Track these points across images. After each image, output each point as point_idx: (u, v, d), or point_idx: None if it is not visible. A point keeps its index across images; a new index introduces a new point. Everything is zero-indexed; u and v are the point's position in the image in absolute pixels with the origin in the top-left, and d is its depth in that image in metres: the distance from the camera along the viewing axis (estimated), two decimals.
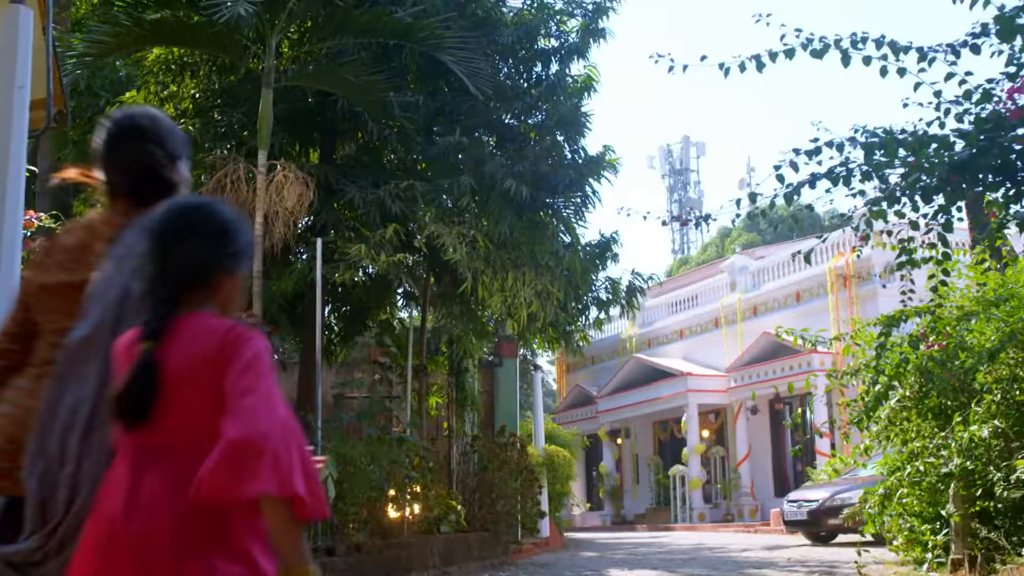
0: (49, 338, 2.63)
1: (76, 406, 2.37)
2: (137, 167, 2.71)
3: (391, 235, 11.89)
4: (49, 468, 2.35)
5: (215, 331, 2.12)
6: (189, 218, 2.25)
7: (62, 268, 2.67)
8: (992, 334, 9.37)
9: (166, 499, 2.02)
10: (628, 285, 14.70)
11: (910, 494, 10.98)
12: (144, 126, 2.77)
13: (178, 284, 2.19)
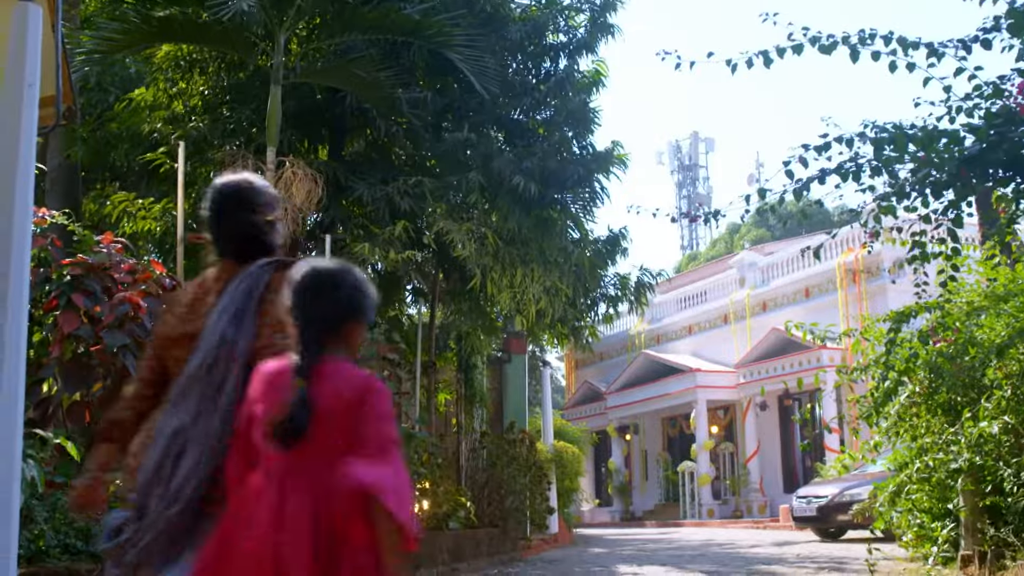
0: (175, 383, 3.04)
1: (176, 432, 2.86)
2: (243, 236, 3.15)
3: (400, 232, 11.91)
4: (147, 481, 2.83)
5: (356, 379, 2.62)
6: (328, 281, 2.72)
7: (181, 321, 3.13)
8: (1002, 330, 9.35)
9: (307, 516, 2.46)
10: (637, 281, 14.70)
11: (919, 490, 10.96)
12: (247, 197, 3.18)
13: (320, 333, 2.65)
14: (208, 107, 13.26)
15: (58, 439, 6.36)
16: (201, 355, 2.93)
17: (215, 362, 2.90)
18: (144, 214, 12.18)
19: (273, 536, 2.45)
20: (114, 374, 7.30)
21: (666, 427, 38.13)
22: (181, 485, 2.77)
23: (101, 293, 7.19)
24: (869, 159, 6.29)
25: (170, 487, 2.79)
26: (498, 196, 12.66)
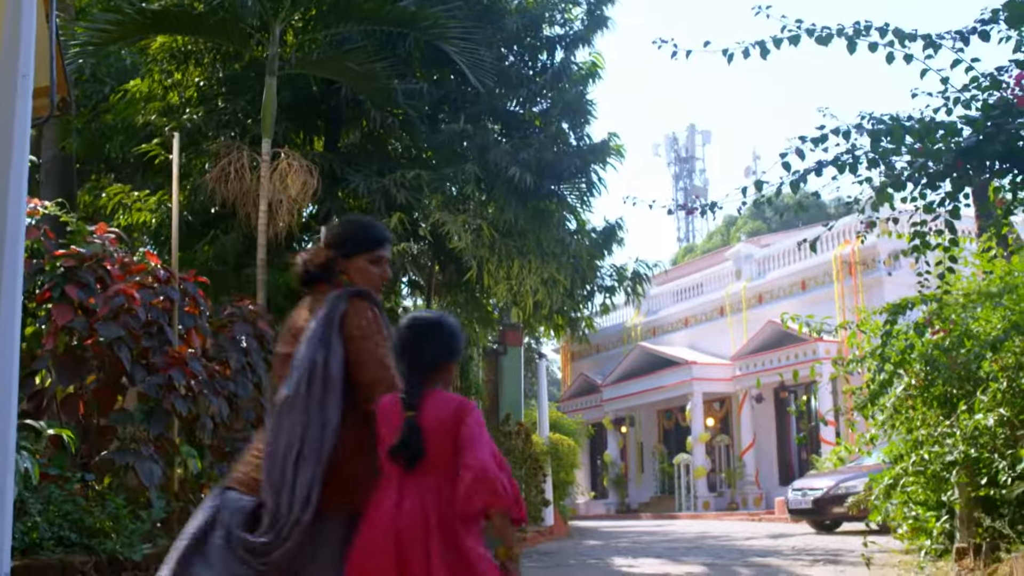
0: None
1: (288, 448, 3.31)
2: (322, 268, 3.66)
3: (396, 224, 11.88)
4: (275, 489, 3.29)
5: (451, 403, 3.27)
6: (428, 330, 3.37)
7: (284, 342, 3.64)
8: (998, 323, 9.34)
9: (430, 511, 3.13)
10: (633, 272, 14.68)
11: (915, 482, 10.96)
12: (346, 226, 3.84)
13: (424, 372, 3.30)
14: (203, 98, 13.23)
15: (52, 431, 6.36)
16: (296, 376, 3.39)
17: (311, 383, 3.36)
18: (139, 206, 12.16)
19: (393, 527, 3.14)
20: (108, 366, 7.29)
21: (662, 419, 38.17)
22: (308, 492, 3.27)
23: (95, 285, 7.17)
24: (866, 151, 6.27)
25: (295, 494, 3.27)
26: (495, 187, 12.64)
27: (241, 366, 8.82)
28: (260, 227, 10.36)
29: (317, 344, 3.39)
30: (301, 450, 3.31)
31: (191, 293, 8.13)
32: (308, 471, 3.29)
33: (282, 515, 3.25)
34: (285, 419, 3.36)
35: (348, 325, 3.44)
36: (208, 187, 11.31)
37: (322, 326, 3.42)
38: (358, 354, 3.43)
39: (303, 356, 3.40)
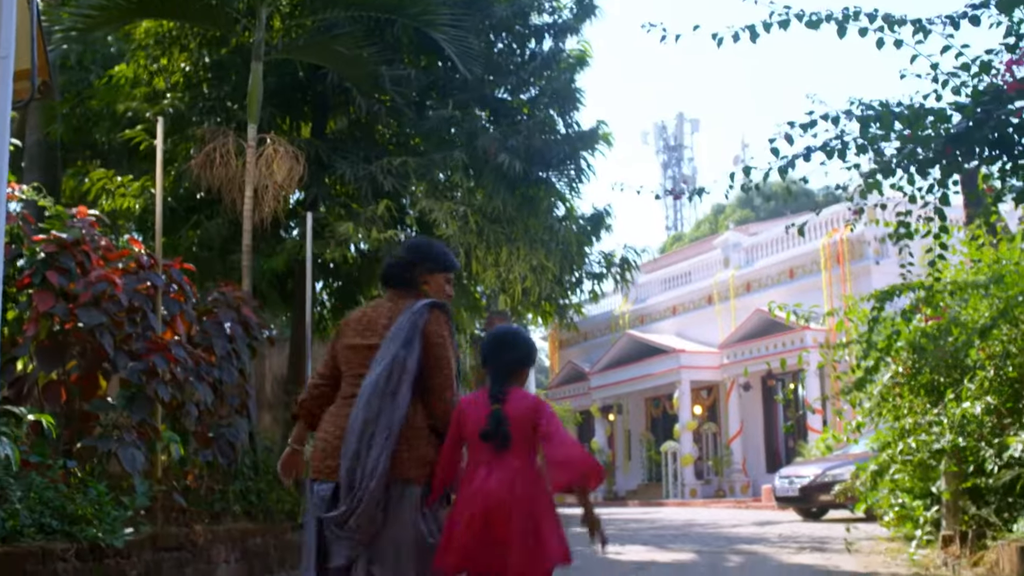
0: (350, 380, 4.19)
1: (365, 423, 3.92)
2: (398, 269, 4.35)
3: (383, 211, 11.80)
4: (352, 460, 3.90)
5: (528, 399, 4.05)
6: (511, 340, 4.19)
7: (358, 334, 4.25)
8: (985, 310, 9.33)
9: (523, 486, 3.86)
10: (621, 259, 14.62)
11: (901, 471, 10.95)
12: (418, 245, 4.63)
13: (506, 374, 4.06)
14: (189, 84, 13.12)
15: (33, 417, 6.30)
16: (379, 368, 4.03)
17: (390, 374, 4.02)
18: (123, 191, 12.05)
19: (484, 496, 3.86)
20: (90, 353, 7.22)
21: (649, 407, 38.19)
22: (375, 465, 3.89)
23: (76, 270, 7.09)
24: (854, 137, 6.23)
25: (366, 467, 3.89)
26: (483, 174, 12.57)
27: (226, 352, 8.77)
28: (246, 213, 10.28)
29: (401, 344, 4.07)
30: (374, 430, 3.96)
31: (176, 279, 8.05)
32: (378, 448, 3.93)
33: (355, 485, 3.90)
34: (366, 403, 4.01)
35: (429, 332, 4.14)
36: (193, 173, 11.22)
37: (407, 329, 4.10)
38: (436, 359, 4.14)
39: (388, 352, 4.07)
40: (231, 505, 8.57)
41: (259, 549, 8.33)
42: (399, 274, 4.33)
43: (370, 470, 3.87)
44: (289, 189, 11.04)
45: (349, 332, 4.31)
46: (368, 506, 3.84)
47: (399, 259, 4.37)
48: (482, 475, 3.90)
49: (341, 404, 4.17)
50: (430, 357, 4.10)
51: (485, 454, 3.93)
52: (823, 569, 10.37)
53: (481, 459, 3.94)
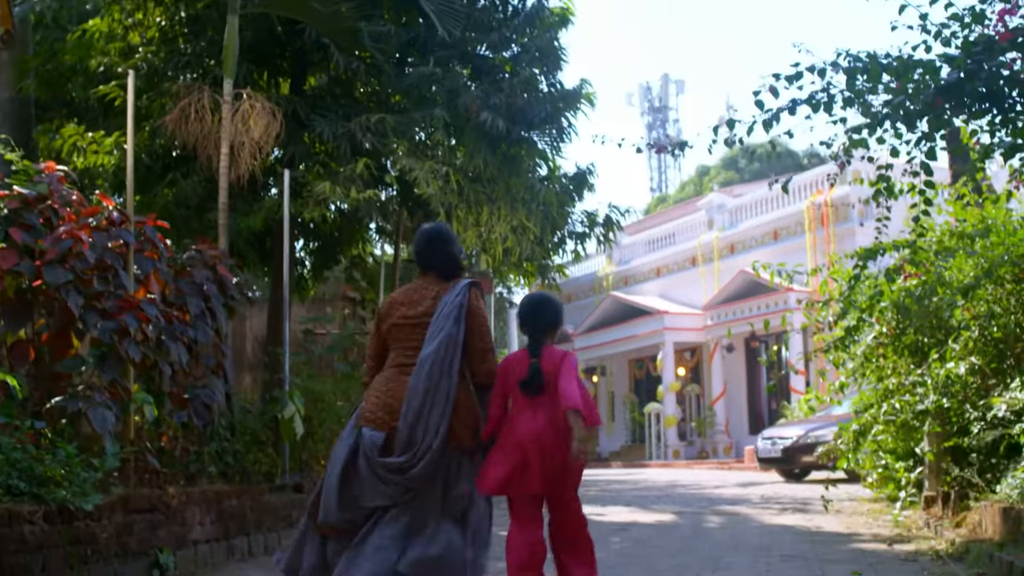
0: (400, 351, 4.96)
1: (426, 391, 4.68)
2: (444, 259, 5.10)
3: (361, 170, 11.58)
4: (413, 419, 4.66)
5: (557, 355, 4.82)
6: (544, 304, 5.07)
7: (401, 314, 5.01)
8: (971, 270, 9.23)
9: (551, 425, 4.67)
10: (605, 218, 14.43)
11: (884, 431, 10.91)
12: (446, 235, 5.18)
13: (541, 332, 4.93)
14: (165, 39, 12.79)
15: None
16: (435, 343, 4.78)
17: (445, 348, 4.77)
18: (96, 148, 11.79)
19: (522, 433, 4.72)
20: (59, 311, 7.05)
21: (633, 369, 38.21)
22: (437, 425, 4.66)
23: (42, 227, 6.91)
24: (841, 90, 6.07)
25: (429, 427, 4.66)
26: (464, 133, 12.35)
27: (201, 311, 8.59)
28: (222, 170, 10.07)
29: (453, 320, 4.83)
30: (435, 395, 4.71)
31: (149, 236, 7.87)
32: (438, 411, 4.70)
33: (416, 443, 4.66)
34: (425, 373, 4.74)
35: (472, 308, 4.91)
36: (168, 129, 10.97)
37: (456, 307, 4.85)
38: (479, 328, 4.91)
39: (443, 328, 4.82)
40: (206, 467, 8.43)
41: (235, 511, 8.20)
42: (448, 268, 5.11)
43: (432, 431, 4.66)
44: (266, 146, 10.80)
45: (394, 313, 5.07)
46: (428, 464, 4.62)
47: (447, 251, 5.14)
48: (525, 415, 4.79)
49: (395, 371, 4.93)
50: (473, 327, 4.90)
51: (524, 400, 4.83)
52: (805, 530, 10.34)
53: (523, 404, 4.83)
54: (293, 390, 9.80)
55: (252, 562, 8.07)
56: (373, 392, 4.91)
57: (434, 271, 5.09)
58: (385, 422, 4.76)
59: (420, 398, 4.67)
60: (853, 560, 7.76)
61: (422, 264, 5.15)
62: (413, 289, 5.12)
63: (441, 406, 4.68)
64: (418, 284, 5.12)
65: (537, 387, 4.77)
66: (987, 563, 6.82)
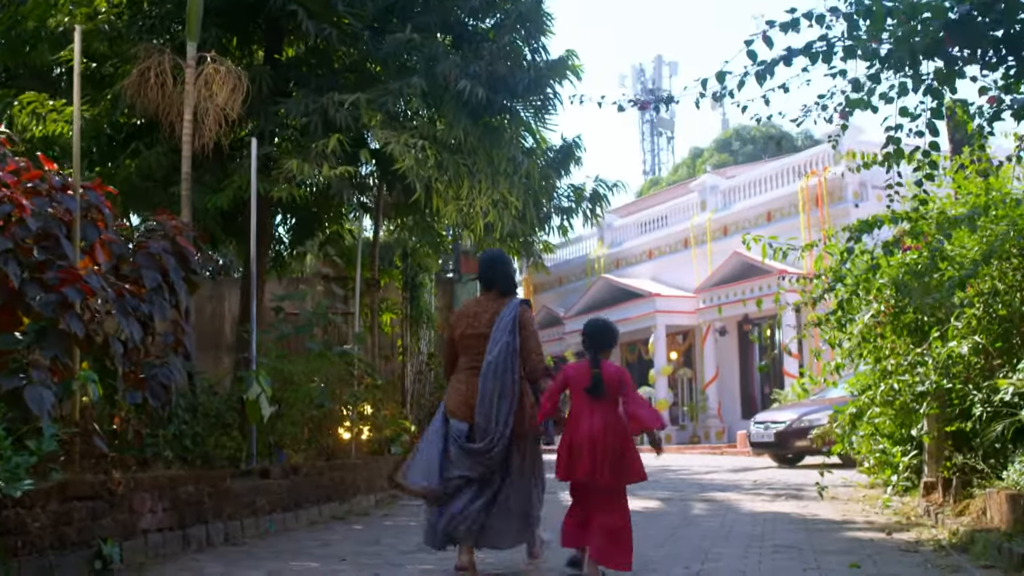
0: (469, 357, 6.39)
1: (492, 389, 6.11)
2: (503, 279, 6.51)
3: (334, 145, 10.97)
4: (486, 414, 6.11)
5: (615, 369, 5.98)
6: (605, 330, 6.18)
7: (468, 325, 6.43)
8: (975, 244, 8.73)
9: (615, 425, 5.80)
10: (592, 192, 13.83)
11: (882, 414, 10.43)
12: (505, 259, 6.67)
13: (600, 350, 6.00)
14: (131, 2, 12.17)
15: None
16: (496, 350, 6.18)
17: (505, 355, 6.17)
18: (55, 116, 11.20)
19: (590, 429, 5.77)
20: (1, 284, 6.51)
21: (625, 352, 37.75)
22: (506, 418, 6.13)
23: None
24: (842, 37, 5.53)
25: (499, 419, 6.12)
26: (443, 102, 11.74)
27: (157, 285, 8.04)
28: (185, 138, 9.52)
29: (509, 332, 6.25)
30: (502, 393, 6.17)
31: (95, 203, 7.33)
32: (506, 406, 6.17)
33: (491, 432, 6.15)
34: (491, 375, 6.19)
35: (524, 320, 6.34)
36: (127, 94, 10.39)
37: (511, 320, 6.28)
38: (529, 335, 6.36)
39: (501, 339, 6.24)
40: (162, 451, 7.90)
41: (191, 498, 7.67)
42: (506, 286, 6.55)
43: (502, 421, 6.16)
44: (232, 112, 10.22)
45: (462, 325, 6.53)
46: (502, 446, 6.16)
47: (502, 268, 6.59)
48: (586, 416, 5.88)
49: (468, 373, 6.40)
50: (525, 334, 6.34)
51: (585, 403, 5.93)
52: (799, 518, 9.87)
53: (582, 406, 5.95)
54: (259, 370, 9.27)
55: (210, 552, 7.55)
56: (453, 390, 6.47)
57: (496, 289, 6.53)
58: (467, 415, 6.29)
59: (489, 396, 6.19)
60: (850, 550, 7.28)
61: (485, 282, 6.60)
62: (476, 304, 6.60)
63: (508, 402, 6.18)
64: (480, 300, 6.61)
65: (599, 392, 5.89)
66: (995, 554, 6.33)
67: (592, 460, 5.72)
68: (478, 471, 6.16)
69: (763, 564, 6.71)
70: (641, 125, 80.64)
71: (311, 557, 7.31)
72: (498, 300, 6.41)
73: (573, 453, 5.80)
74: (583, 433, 5.79)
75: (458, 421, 6.27)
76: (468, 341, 6.41)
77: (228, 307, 17.93)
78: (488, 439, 6.11)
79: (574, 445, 5.81)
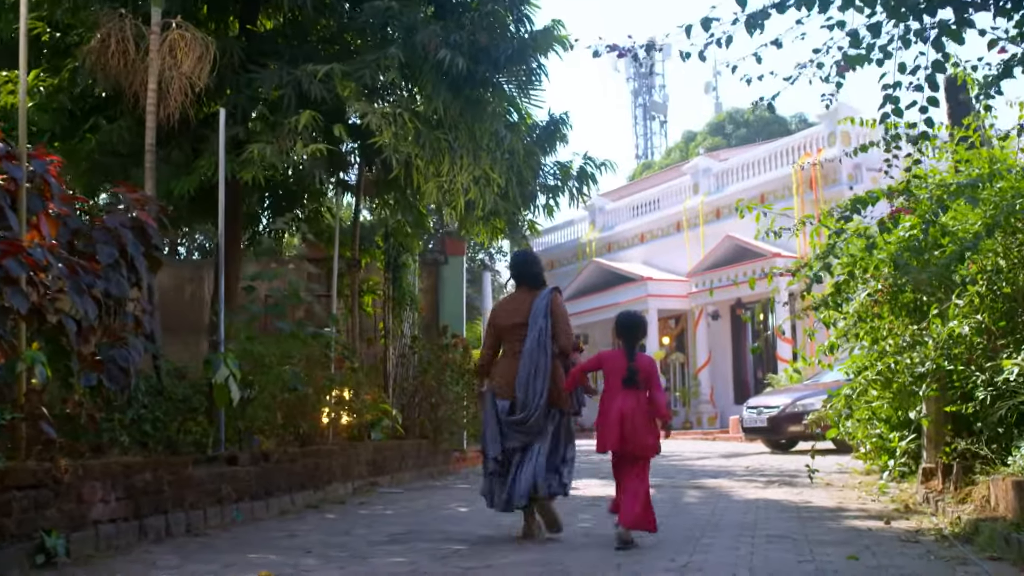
0: (511, 343, 7.40)
1: (530, 370, 7.18)
2: (530, 277, 7.56)
3: (307, 122, 10.45)
4: (526, 391, 7.17)
5: (645, 359, 7.00)
6: (637, 324, 7.21)
7: (509, 316, 7.44)
8: (976, 218, 8.29)
9: (641, 407, 6.85)
10: (579, 170, 13.32)
11: (880, 397, 10.01)
12: (533, 259, 7.74)
13: (634, 342, 7.09)
14: None
15: None
16: (533, 335, 7.18)
17: (539, 338, 7.16)
18: (11, 88, 10.66)
19: (621, 409, 6.76)
20: None
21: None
22: (541, 392, 7.12)
23: None
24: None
25: (537, 392, 7.12)
26: (422, 73, 11.23)
27: (114, 261, 7.56)
28: (149, 108, 9.04)
29: (543, 316, 7.23)
30: (538, 372, 7.16)
31: (40, 172, 6.86)
32: (541, 382, 7.15)
33: (529, 404, 7.14)
34: (529, 356, 7.17)
35: (555, 305, 7.34)
36: (88, 63, 9.87)
37: (544, 307, 7.27)
38: (560, 318, 7.32)
39: (537, 325, 7.22)
40: (118, 436, 7.45)
41: (149, 486, 7.21)
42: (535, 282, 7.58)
43: (538, 395, 7.15)
44: (199, 81, 9.73)
45: (503, 316, 7.55)
46: (538, 417, 7.16)
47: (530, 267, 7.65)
48: (618, 400, 6.82)
49: (511, 357, 7.38)
50: (556, 318, 7.30)
51: (618, 387, 6.85)
52: (792, 505, 9.46)
53: (615, 390, 6.87)
54: (227, 352, 8.81)
55: (168, 544, 7.10)
56: (498, 373, 7.48)
57: (525, 284, 7.61)
58: (509, 393, 7.31)
59: (527, 376, 7.20)
60: (847, 541, 6.86)
61: (516, 278, 7.73)
62: (512, 300, 7.68)
63: (542, 379, 7.18)
64: (515, 296, 7.67)
65: (634, 382, 6.82)
66: (1003, 545, 5.91)
67: (621, 435, 6.77)
68: (522, 440, 7.24)
69: (755, 555, 6.28)
70: (634, 109, 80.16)
71: (274, 549, 6.87)
72: (531, 292, 7.50)
73: (605, 429, 6.85)
74: (614, 413, 6.81)
75: (502, 399, 7.34)
76: (507, 332, 7.50)
77: (207, 290, 17.46)
78: (526, 412, 7.17)
79: (607, 423, 6.85)
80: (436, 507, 9.81)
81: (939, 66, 5.34)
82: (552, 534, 7.29)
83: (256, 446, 9.47)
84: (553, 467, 7.31)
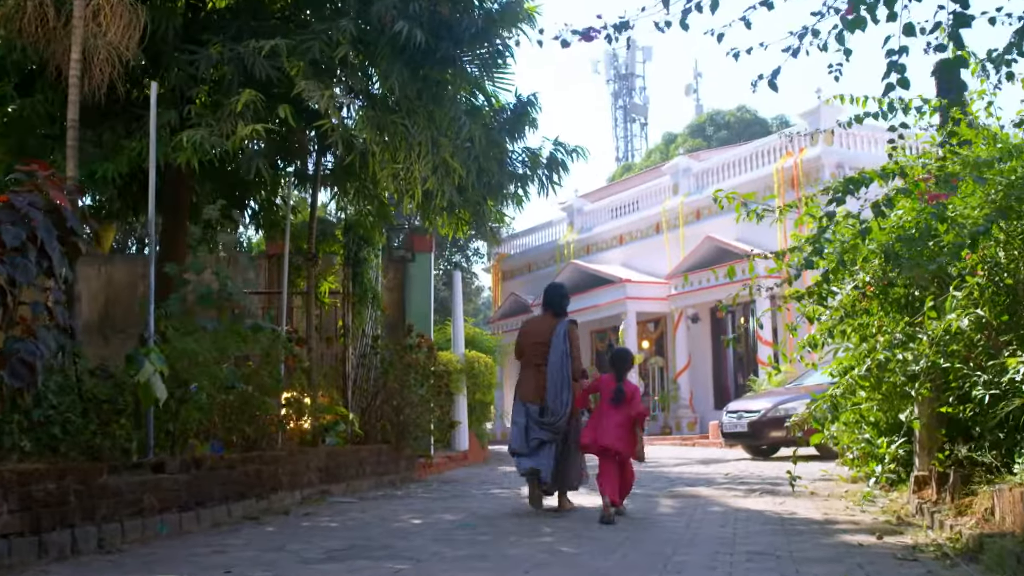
0: (534, 357, 9.45)
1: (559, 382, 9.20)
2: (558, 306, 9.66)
3: (248, 101, 9.61)
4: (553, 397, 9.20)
5: (632, 387, 9.07)
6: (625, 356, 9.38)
7: (533, 335, 9.58)
8: (977, 203, 7.55)
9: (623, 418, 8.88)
10: (549, 157, 12.51)
11: (869, 398, 9.24)
12: (564, 291, 9.86)
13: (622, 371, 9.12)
14: None
15: None
16: (557, 354, 9.19)
17: (562, 358, 9.20)
18: None
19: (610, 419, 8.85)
20: None
21: (594, 340, 36.71)
22: (566, 400, 9.12)
23: None
24: None
25: (562, 400, 9.12)
26: (377, 48, 10.40)
27: (20, 244, 6.76)
28: (72, 80, 8.22)
29: (563, 341, 9.21)
30: (563, 385, 9.07)
31: None
32: (565, 393, 9.06)
33: (557, 410, 9.06)
34: (555, 372, 9.10)
35: (572, 335, 9.30)
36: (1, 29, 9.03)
37: (563, 333, 9.26)
38: (574, 346, 9.25)
39: (559, 347, 9.19)
40: (18, 440, 6.63)
41: (52, 497, 6.38)
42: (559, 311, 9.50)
43: (564, 403, 9.02)
44: (126, 51, 8.92)
45: (529, 336, 9.48)
46: (563, 420, 9.03)
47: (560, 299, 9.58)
48: (607, 412, 8.77)
49: (535, 369, 9.27)
50: (572, 346, 9.21)
51: (609, 404, 8.77)
52: (775, 516, 8.71)
53: (606, 405, 8.80)
54: (152, 348, 7.99)
55: (72, 561, 6.27)
56: (524, 382, 9.34)
57: (550, 311, 9.49)
58: (538, 399, 9.13)
59: (556, 385, 9.02)
60: (836, 558, 6.12)
61: (546, 304, 9.60)
62: (538, 321, 9.66)
63: (567, 390, 9.02)
64: (542, 317, 9.61)
65: (621, 401, 8.72)
66: (1014, 565, 5.13)
67: (611, 437, 8.65)
68: (548, 435, 9.06)
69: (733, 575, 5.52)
70: (614, 111, 79.56)
71: (192, 567, 6.05)
72: (554, 318, 9.43)
73: (599, 433, 8.72)
74: (606, 422, 8.76)
75: (531, 404, 9.20)
76: (531, 349, 9.38)
77: None
78: (556, 416, 9.02)
79: (600, 428, 8.76)
80: (387, 519, 8.99)
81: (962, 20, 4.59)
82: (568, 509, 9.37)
83: (190, 451, 8.67)
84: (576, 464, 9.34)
